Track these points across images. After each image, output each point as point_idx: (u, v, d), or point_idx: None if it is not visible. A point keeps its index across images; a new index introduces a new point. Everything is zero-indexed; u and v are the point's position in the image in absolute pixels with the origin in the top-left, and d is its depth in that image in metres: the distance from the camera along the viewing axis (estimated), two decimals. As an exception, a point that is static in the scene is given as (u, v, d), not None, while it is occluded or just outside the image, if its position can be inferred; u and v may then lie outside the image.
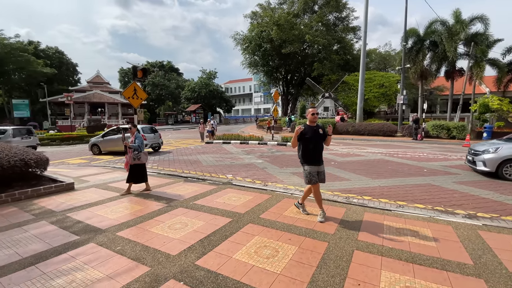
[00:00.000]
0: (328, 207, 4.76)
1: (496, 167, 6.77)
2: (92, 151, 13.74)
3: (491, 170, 6.86)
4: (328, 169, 8.35)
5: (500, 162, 6.71)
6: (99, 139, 13.85)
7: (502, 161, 6.69)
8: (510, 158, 6.63)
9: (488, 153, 6.99)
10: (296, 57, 33.38)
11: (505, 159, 6.66)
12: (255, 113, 68.27)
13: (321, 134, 4.13)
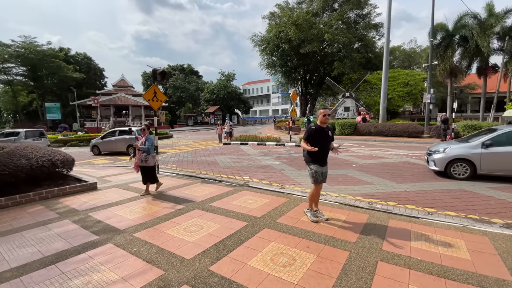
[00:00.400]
0: (349, 213, 4.51)
1: (445, 167, 7.07)
2: (93, 151, 14.59)
3: (440, 169, 7.16)
4: (349, 171, 8.05)
5: (448, 161, 7.00)
6: (98, 140, 14.71)
7: (449, 161, 6.98)
8: (457, 158, 6.88)
9: (438, 153, 7.30)
10: (315, 57, 32.75)
11: (452, 159, 6.95)
12: (273, 114, 68.04)
13: (330, 136, 4.11)
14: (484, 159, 6.54)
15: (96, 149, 14.53)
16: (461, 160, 6.83)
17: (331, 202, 5.18)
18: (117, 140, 14.12)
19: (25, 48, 35.11)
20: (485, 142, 6.59)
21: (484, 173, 6.61)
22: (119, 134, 14.14)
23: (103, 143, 14.50)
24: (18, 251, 3.30)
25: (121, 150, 13.93)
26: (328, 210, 4.67)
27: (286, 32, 30.06)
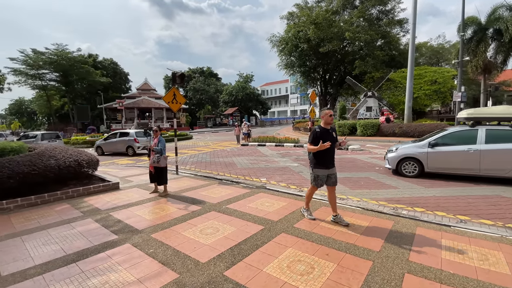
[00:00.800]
0: (372, 219, 4.26)
1: (396, 165, 7.47)
2: (97, 152, 15.43)
3: (393, 168, 7.58)
4: (371, 174, 7.69)
5: (398, 160, 7.43)
6: (102, 142, 15.75)
7: (400, 159, 7.41)
8: (407, 156, 7.32)
9: (391, 152, 7.73)
10: (335, 56, 31.99)
11: (402, 158, 7.38)
12: (291, 115, 67.41)
13: (334, 137, 4.09)
14: (430, 157, 6.97)
15: (99, 150, 15.61)
16: (410, 158, 7.29)
17: (352, 207, 4.93)
18: (118, 141, 15.04)
19: (58, 55, 37.55)
20: (431, 142, 7.06)
21: (430, 171, 7.06)
22: (120, 136, 15.14)
23: (105, 144, 15.52)
24: (43, 248, 3.44)
25: (121, 151, 14.84)
26: (349, 215, 4.44)
27: (305, 32, 29.63)
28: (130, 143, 14.61)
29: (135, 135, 14.66)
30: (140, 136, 14.76)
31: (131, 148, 14.61)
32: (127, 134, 14.93)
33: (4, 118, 68.70)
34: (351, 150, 13.14)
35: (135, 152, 14.50)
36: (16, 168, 5.35)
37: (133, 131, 15.19)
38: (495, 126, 6.66)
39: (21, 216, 4.69)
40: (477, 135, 6.53)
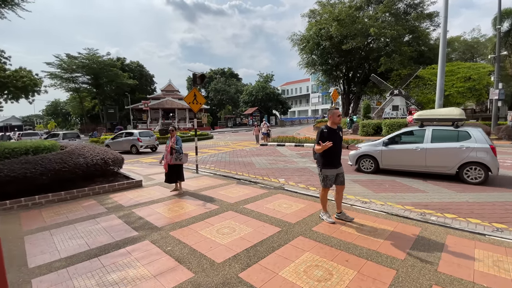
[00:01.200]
0: (397, 225, 4.00)
1: (355, 161, 8.13)
2: None
3: (353, 164, 8.25)
4: (397, 177, 7.28)
5: (357, 157, 8.06)
6: (110, 141, 16.94)
7: (358, 157, 8.04)
8: (364, 154, 7.91)
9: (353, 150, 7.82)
10: (358, 53, 30.84)
11: (361, 155, 7.98)
12: (312, 114, 66.20)
13: (341, 136, 4.10)
14: (384, 155, 7.58)
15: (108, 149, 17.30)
16: (367, 156, 7.89)
17: (376, 211, 4.68)
18: (123, 141, 16.33)
19: (89, 59, 39.94)
20: (385, 141, 7.65)
21: (384, 167, 7.65)
22: (125, 136, 16.49)
23: (113, 143, 16.62)
24: (69, 242, 3.62)
25: (126, 149, 15.91)
26: (372, 220, 4.21)
27: (327, 29, 28.88)
28: (134, 142, 15.91)
29: (139, 135, 16.03)
30: (143, 136, 16.17)
31: (134, 147, 15.88)
32: (132, 134, 16.30)
33: (41, 119, 74.43)
34: (375, 151, 12.57)
35: (138, 150, 15.74)
36: (48, 165, 5.72)
37: (137, 131, 16.57)
38: (440, 127, 7.07)
39: (51, 211, 4.99)
40: (424, 134, 7.07)
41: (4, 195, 5.15)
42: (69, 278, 2.73)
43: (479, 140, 6.41)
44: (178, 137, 6.32)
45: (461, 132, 6.69)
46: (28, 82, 32.15)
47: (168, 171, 6.17)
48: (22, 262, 3.09)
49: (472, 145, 6.41)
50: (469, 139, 6.54)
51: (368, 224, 4.02)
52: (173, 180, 6.28)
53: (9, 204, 5.02)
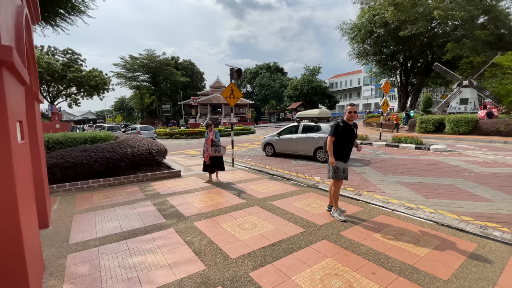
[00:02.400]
0: (447, 237, 3.38)
1: (263, 148, 11.08)
2: None
3: (262, 150, 11.23)
4: (456, 181, 6.25)
5: (264, 145, 11.03)
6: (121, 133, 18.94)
7: (265, 145, 11.01)
8: (267, 142, 10.85)
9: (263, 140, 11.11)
10: (419, 39, 27.40)
11: (266, 143, 10.96)
12: (364, 108, 61.71)
13: (355, 133, 4.12)
14: (277, 143, 10.34)
15: None
16: (269, 144, 10.71)
17: (422, 219, 4.05)
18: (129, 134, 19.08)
19: (148, 59, 44.05)
20: (278, 133, 10.41)
21: (278, 151, 10.37)
22: (131, 130, 19.51)
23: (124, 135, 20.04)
24: (106, 223, 3.98)
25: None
26: (414, 229, 3.64)
27: (381, 15, 26.33)
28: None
29: (139, 129, 19.20)
30: (143, 130, 19.34)
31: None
32: (135, 128, 19.79)
33: (111, 113, 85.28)
34: (434, 150, 11.04)
35: None
36: (101, 154, 6.42)
37: (139, 126, 20.12)
38: (308, 122, 9.84)
39: (100, 194, 5.60)
40: (298, 128, 9.83)
41: (65, 178, 5.97)
42: (97, 257, 2.98)
43: (325, 131, 8.89)
44: (216, 131, 6.68)
45: (317, 126, 9.40)
46: (99, 81, 37.11)
47: (210, 162, 6.52)
48: (65, 238, 3.50)
49: (321, 135, 9.00)
50: (321, 130, 9.17)
51: (409, 234, 3.48)
52: (210, 170, 6.59)
53: (68, 186, 5.80)
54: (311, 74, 49.51)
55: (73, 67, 36.50)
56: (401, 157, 9.83)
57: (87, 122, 63.74)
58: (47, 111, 35.92)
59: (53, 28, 11.49)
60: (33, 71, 3.63)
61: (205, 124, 6.77)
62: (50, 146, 6.38)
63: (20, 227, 1.83)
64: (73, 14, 10.56)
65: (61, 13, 10.43)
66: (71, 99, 42.71)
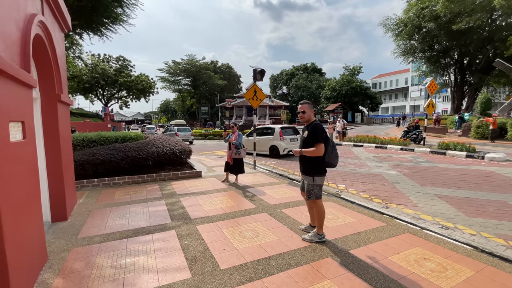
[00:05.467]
0: (484, 268, 2.76)
1: None
2: None
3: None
4: (502, 197, 5.20)
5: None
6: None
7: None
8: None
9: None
10: (477, 33, 24.00)
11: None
12: (411, 110, 56.59)
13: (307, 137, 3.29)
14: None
15: None
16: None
17: (458, 242, 3.39)
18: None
19: (189, 64, 46.57)
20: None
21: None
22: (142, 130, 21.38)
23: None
24: (117, 220, 4.13)
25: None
26: (446, 254, 3.05)
27: (431, 8, 23.81)
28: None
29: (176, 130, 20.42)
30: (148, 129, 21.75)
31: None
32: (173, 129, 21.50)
33: (157, 115, 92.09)
34: (489, 159, 9.49)
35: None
36: (128, 153, 6.81)
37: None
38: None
39: (122, 191, 5.91)
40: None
41: (96, 174, 6.44)
42: (95, 254, 3.06)
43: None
44: (240, 133, 6.64)
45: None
46: (145, 85, 40.36)
47: (233, 163, 6.49)
48: (76, 232, 3.70)
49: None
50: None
51: (435, 260, 2.92)
52: (232, 171, 6.56)
53: (97, 182, 6.24)
54: (351, 74, 47.02)
55: (123, 72, 40.30)
56: (446, 166, 8.62)
57: (136, 122, 69.80)
58: (101, 112, 40.28)
59: (99, 37, 12.85)
60: (57, 76, 3.94)
61: (230, 125, 6.86)
62: (85, 144, 6.97)
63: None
64: (116, 24, 11.61)
65: (106, 23, 11.59)
66: (122, 101, 47.20)
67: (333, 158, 3.21)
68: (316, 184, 3.23)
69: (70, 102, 4.74)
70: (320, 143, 3.10)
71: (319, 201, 3.28)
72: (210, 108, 53.19)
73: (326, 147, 3.14)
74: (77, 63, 32.85)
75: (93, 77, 37.47)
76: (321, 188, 3.30)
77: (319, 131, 3.14)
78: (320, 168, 3.23)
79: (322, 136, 3.13)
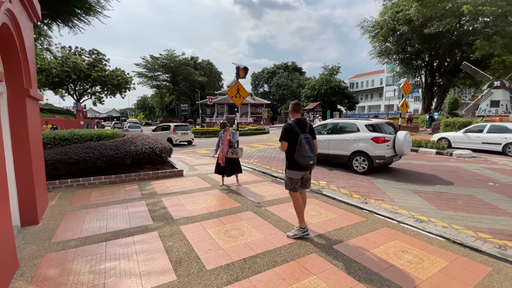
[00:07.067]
0: (457, 258, 2.95)
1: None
2: None
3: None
4: (478, 192, 5.64)
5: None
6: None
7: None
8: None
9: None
10: (447, 37, 25.64)
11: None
12: (386, 110, 59.19)
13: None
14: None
15: None
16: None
17: (432, 234, 3.60)
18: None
19: (168, 59, 45.21)
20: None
21: None
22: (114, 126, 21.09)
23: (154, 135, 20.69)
24: (93, 223, 3.92)
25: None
26: (421, 246, 3.22)
27: (405, 12, 25.00)
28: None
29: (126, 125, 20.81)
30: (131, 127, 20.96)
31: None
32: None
33: (133, 111, 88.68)
34: (457, 156, 10.18)
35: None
36: (104, 151, 6.48)
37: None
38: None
39: (99, 191, 5.62)
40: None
41: (69, 174, 6.07)
42: (71, 260, 2.88)
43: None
44: (234, 131, 6.26)
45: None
46: (121, 80, 38.61)
47: (226, 164, 6.08)
48: (49, 236, 3.46)
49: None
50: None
51: (412, 252, 3.08)
52: (224, 172, 6.17)
53: (70, 182, 5.88)
54: (329, 74, 48.21)
55: (97, 66, 38.25)
56: (418, 163, 9.13)
57: (111, 119, 66.67)
58: (73, 109, 37.99)
59: (70, 28, 12.04)
60: (26, 69, 3.64)
61: (221, 123, 6.39)
62: (57, 143, 6.54)
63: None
64: (90, 15, 10.96)
65: (78, 13, 10.88)
66: (96, 97, 44.84)
67: (299, 157, 3.28)
68: (287, 176, 3.51)
69: (40, 97, 4.41)
70: (280, 141, 3.47)
71: (293, 193, 3.51)
72: (191, 105, 52.07)
73: (293, 145, 3.34)
74: (45, 56, 30.65)
75: (63, 71, 35.16)
76: (293, 181, 3.46)
77: (282, 130, 3.46)
78: (290, 163, 3.48)
79: (283, 135, 3.43)
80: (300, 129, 3.39)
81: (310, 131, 3.48)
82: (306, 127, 3.45)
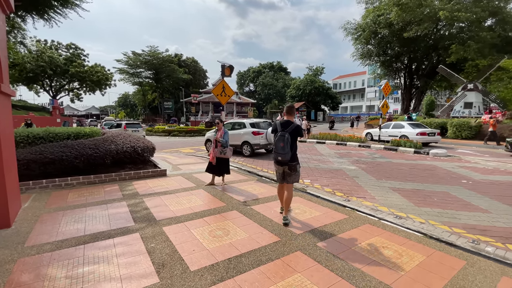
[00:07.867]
0: (433, 253, 3.09)
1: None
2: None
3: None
4: (452, 189, 5.93)
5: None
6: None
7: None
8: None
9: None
10: (424, 41, 26.82)
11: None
12: (367, 110, 61.07)
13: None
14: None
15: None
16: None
17: (410, 230, 3.75)
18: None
19: (151, 56, 44.03)
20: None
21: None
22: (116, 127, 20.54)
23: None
24: (71, 225, 3.75)
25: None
26: (399, 242, 3.35)
27: (386, 16, 25.86)
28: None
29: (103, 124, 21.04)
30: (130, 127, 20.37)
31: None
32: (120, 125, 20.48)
33: (114, 109, 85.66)
34: (433, 155, 10.68)
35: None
36: (82, 150, 6.20)
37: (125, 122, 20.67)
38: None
39: (77, 192, 5.38)
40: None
41: (44, 174, 5.76)
42: (46, 264, 2.74)
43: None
44: (226, 130, 6.09)
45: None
46: (101, 77, 37.14)
47: (216, 163, 5.98)
48: (23, 240, 3.27)
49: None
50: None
51: (392, 248, 3.19)
52: (214, 172, 6.08)
53: (45, 183, 5.59)
54: (314, 74, 49.01)
55: (75, 61, 36.54)
56: (398, 161, 9.49)
57: (90, 117, 64.01)
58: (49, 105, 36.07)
59: (45, 21, 11.37)
60: (-6, 62, 3.40)
61: (215, 122, 6.12)
62: (30, 141, 6.19)
63: None
64: (67, 7, 10.44)
65: (54, 5, 10.30)
66: (74, 94, 42.86)
67: (273, 151, 3.87)
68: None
69: (12, 93, 4.14)
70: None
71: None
72: (174, 103, 51.12)
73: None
74: (19, 49, 28.85)
75: (38, 66, 33.26)
76: (276, 173, 4.13)
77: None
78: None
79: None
80: (281, 127, 3.79)
81: (292, 131, 3.75)
82: (288, 127, 3.77)
